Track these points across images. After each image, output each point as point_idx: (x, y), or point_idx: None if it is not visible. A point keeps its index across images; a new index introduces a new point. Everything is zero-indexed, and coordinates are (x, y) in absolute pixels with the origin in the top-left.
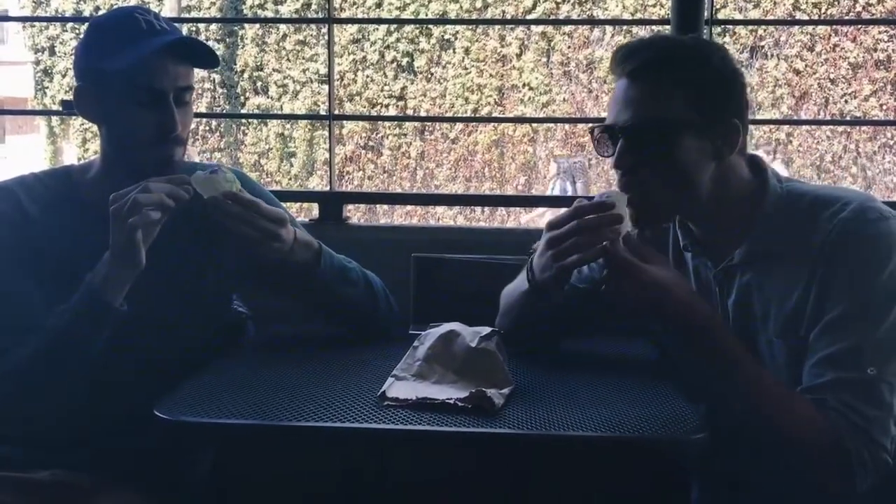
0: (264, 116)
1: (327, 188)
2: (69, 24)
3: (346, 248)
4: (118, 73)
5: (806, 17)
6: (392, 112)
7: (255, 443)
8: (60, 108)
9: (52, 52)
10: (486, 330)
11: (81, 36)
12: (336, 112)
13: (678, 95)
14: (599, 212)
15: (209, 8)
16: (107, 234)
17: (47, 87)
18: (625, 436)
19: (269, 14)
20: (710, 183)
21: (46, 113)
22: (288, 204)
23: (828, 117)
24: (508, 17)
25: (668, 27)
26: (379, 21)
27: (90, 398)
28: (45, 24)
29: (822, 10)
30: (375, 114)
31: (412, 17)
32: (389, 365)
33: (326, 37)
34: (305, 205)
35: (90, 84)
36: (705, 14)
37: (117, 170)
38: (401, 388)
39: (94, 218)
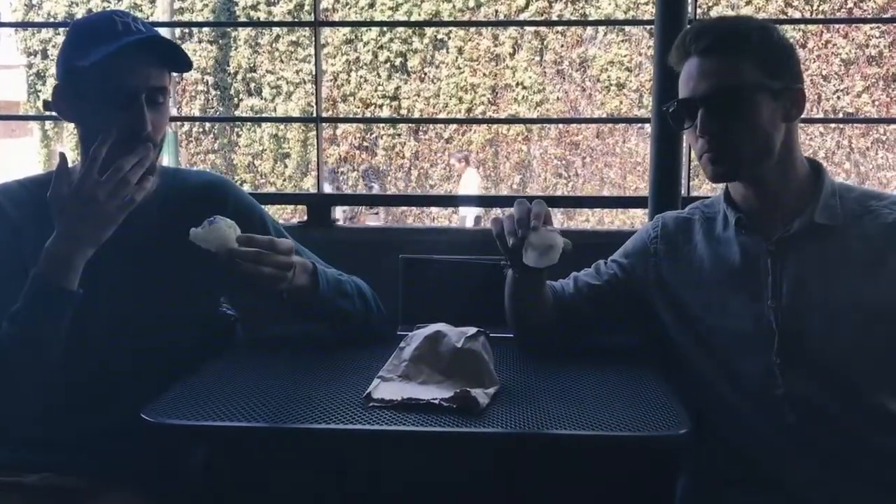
0: (248, 119)
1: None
2: (62, 27)
3: (335, 249)
4: (89, 71)
5: (798, 15)
6: (386, 112)
7: (242, 445)
8: (43, 108)
9: (45, 56)
10: (472, 330)
11: None
12: (328, 114)
13: (750, 64)
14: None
15: (202, 10)
16: None
17: (40, 91)
18: (608, 433)
19: (262, 15)
20: (781, 144)
21: (39, 118)
22: (273, 208)
23: (820, 114)
24: (501, 16)
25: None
26: (366, 24)
27: (79, 400)
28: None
29: (814, 7)
30: (370, 114)
31: (405, 16)
32: (377, 366)
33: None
34: (300, 206)
35: (66, 83)
36: (689, 14)
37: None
38: (386, 389)
39: None
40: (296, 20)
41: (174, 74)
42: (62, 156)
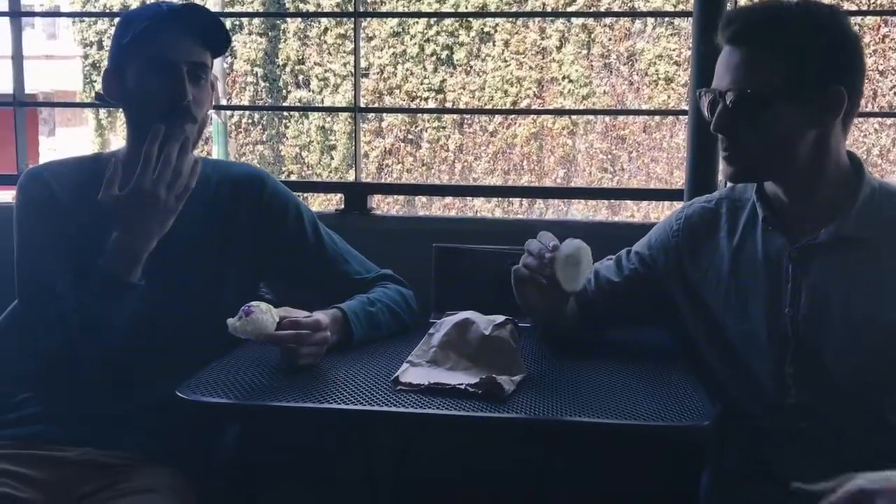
0: (289, 108)
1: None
2: (117, 19)
3: (370, 237)
4: (130, 46)
5: (854, 8)
6: (431, 105)
7: (273, 422)
8: (95, 99)
9: (101, 47)
10: (501, 318)
11: None
12: (370, 105)
13: (776, 63)
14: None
15: (252, 2)
16: None
17: (95, 81)
18: (632, 422)
19: (311, 7)
20: (809, 149)
21: (90, 105)
22: (304, 196)
23: (876, 109)
24: (549, 9)
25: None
26: (406, 14)
27: (121, 379)
28: (94, 18)
29: (872, 0)
30: (415, 107)
31: (452, 9)
32: (406, 350)
33: (363, 31)
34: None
35: (113, 65)
36: (728, 6)
37: (139, 151)
38: (414, 373)
39: None
40: (340, 11)
41: (226, 66)
42: (115, 163)
